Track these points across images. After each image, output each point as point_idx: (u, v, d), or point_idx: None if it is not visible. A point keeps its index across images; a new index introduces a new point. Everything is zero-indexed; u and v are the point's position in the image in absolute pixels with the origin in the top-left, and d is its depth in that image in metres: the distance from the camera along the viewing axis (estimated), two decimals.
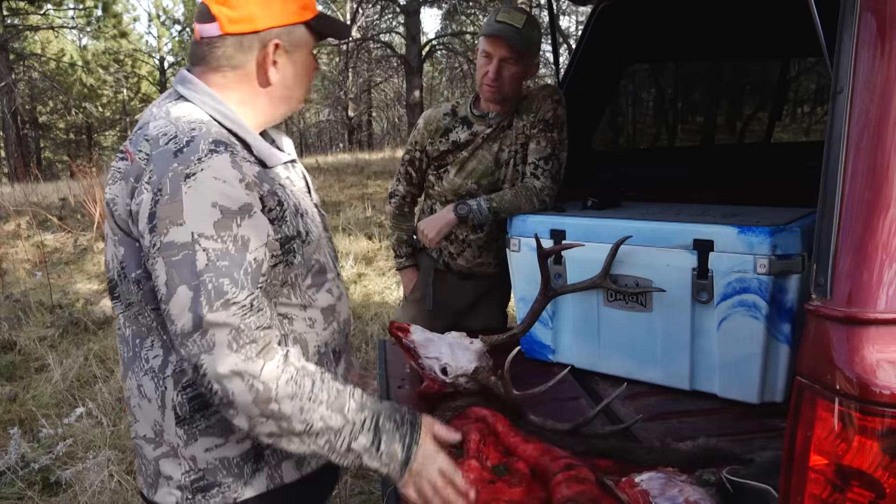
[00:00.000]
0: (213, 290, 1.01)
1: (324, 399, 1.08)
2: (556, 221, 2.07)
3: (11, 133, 18.48)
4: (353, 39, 18.94)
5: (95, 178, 9.34)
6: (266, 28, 1.14)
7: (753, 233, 1.68)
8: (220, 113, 1.15)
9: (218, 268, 1.01)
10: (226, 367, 1.02)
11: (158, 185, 1.03)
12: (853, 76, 0.94)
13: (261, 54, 1.15)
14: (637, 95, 3.68)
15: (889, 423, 0.88)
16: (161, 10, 26.06)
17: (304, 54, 1.21)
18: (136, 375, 1.18)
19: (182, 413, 1.15)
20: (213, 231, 1.01)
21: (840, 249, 0.92)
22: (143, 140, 1.10)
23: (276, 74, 1.18)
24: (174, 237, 1.01)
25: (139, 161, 1.08)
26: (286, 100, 1.23)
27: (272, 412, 1.05)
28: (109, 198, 1.14)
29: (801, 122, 3.91)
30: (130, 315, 1.17)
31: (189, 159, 1.04)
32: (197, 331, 1.01)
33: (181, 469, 1.17)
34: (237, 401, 1.03)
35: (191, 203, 1.01)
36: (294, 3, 1.16)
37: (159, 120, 1.12)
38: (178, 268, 1.01)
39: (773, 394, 1.77)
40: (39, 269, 6.28)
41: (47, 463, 2.94)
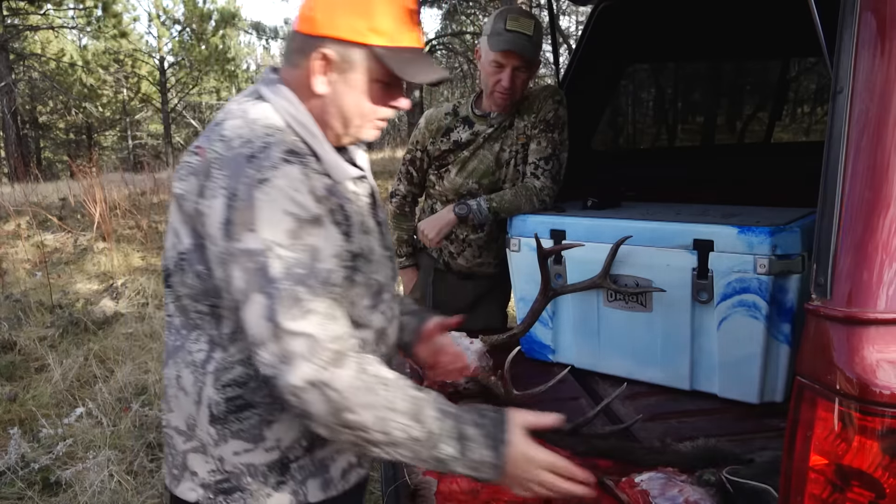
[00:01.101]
0: (289, 299, 0.99)
1: (402, 408, 1.04)
2: (556, 221, 2.07)
3: (11, 133, 18.48)
4: None
5: (95, 178, 9.34)
6: (320, 35, 1.09)
7: (753, 233, 1.68)
8: (295, 120, 1.12)
9: (292, 276, 1.00)
10: (300, 378, 0.99)
11: (232, 189, 1.01)
12: (853, 76, 0.94)
13: (312, 61, 1.11)
14: (637, 95, 3.68)
15: (889, 423, 0.88)
16: (161, 10, 26.01)
17: (360, 78, 1.12)
18: (177, 365, 1.17)
19: (217, 412, 1.13)
20: (287, 239, 1.00)
21: (840, 249, 0.92)
22: (217, 139, 1.08)
23: (322, 86, 1.12)
24: (249, 244, 1.00)
25: (210, 160, 1.07)
26: (337, 119, 1.15)
27: (349, 422, 1.02)
28: (179, 193, 1.10)
29: (801, 122, 3.91)
30: (181, 306, 1.15)
31: (263, 165, 1.02)
32: (272, 340, 0.99)
33: (208, 467, 1.16)
34: (313, 411, 1.01)
35: (265, 210, 1.00)
36: (360, 21, 1.08)
37: (236, 119, 1.10)
38: (253, 275, 1.00)
39: (773, 394, 1.77)
40: (39, 269, 6.28)
41: (47, 463, 2.94)
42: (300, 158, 1.06)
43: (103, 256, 6.84)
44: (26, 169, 14.64)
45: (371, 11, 1.08)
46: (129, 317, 5.03)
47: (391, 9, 1.10)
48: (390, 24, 1.10)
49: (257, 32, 22.73)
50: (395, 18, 1.10)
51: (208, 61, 25.44)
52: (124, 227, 8.24)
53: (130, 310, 5.24)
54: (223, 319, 1.11)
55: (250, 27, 23.46)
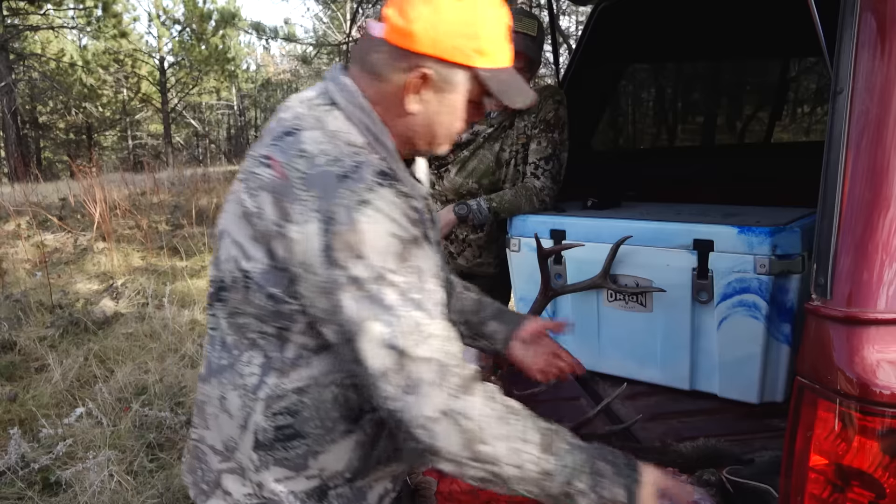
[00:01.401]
0: (408, 325, 0.94)
1: (535, 440, 0.98)
2: (556, 221, 2.07)
3: (11, 133, 18.48)
4: (353, 39, 18.94)
5: (95, 178, 9.34)
6: (420, 52, 1.01)
7: (753, 233, 1.68)
8: (373, 135, 1.05)
9: (409, 300, 0.95)
10: (432, 408, 0.94)
11: (328, 213, 0.94)
12: (853, 76, 0.94)
13: (406, 77, 1.03)
14: (637, 95, 3.69)
15: (889, 423, 0.88)
16: (161, 10, 26.00)
17: (458, 98, 1.07)
18: (222, 386, 1.10)
19: (263, 439, 1.07)
20: (396, 263, 0.95)
21: (840, 249, 0.92)
22: (297, 154, 0.99)
23: (415, 105, 1.05)
24: (357, 272, 0.93)
25: (292, 179, 0.98)
26: (423, 137, 1.10)
27: (483, 455, 0.96)
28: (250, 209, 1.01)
29: (801, 122, 3.91)
30: (238, 324, 1.08)
31: (358, 186, 0.95)
32: (396, 369, 0.94)
33: (244, 490, 1.11)
34: (444, 445, 0.95)
35: (369, 234, 0.94)
36: (468, 43, 1.02)
37: (314, 131, 1.02)
38: (366, 303, 0.93)
39: (773, 394, 1.77)
40: (39, 269, 6.28)
41: (47, 463, 2.94)
42: (390, 181, 0.99)
43: (103, 256, 6.84)
44: (26, 169, 14.64)
45: (478, 32, 1.02)
46: (129, 317, 5.03)
47: (496, 28, 1.04)
48: (495, 44, 1.05)
49: (257, 32, 22.68)
50: (497, 38, 1.05)
51: (208, 61, 25.44)
52: (124, 227, 8.24)
53: (130, 310, 5.24)
54: (288, 343, 1.05)
55: (250, 27, 23.40)
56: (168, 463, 3.01)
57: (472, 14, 1.01)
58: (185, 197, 10.54)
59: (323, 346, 1.04)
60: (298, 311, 1.01)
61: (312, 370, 1.05)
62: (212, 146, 30.77)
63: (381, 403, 0.96)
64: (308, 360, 1.05)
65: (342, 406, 1.07)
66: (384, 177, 0.98)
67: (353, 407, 1.08)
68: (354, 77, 1.08)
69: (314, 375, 1.06)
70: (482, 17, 1.02)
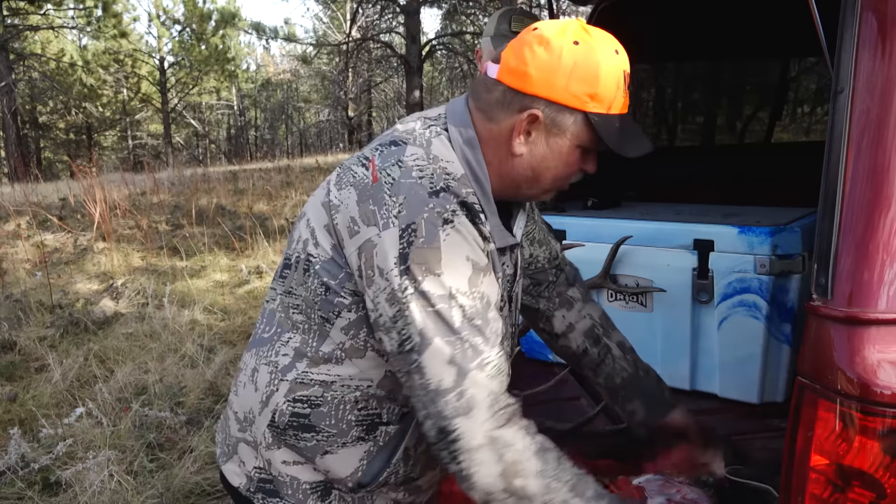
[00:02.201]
0: (471, 349, 0.96)
1: (567, 480, 0.99)
2: (556, 221, 2.06)
3: (11, 133, 18.49)
4: (353, 39, 18.94)
5: (95, 178, 9.34)
6: (532, 94, 1.02)
7: (754, 233, 1.68)
8: (473, 174, 1.05)
9: (473, 326, 0.96)
10: (481, 434, 0.95)
11: (410, 223, 0.96)
12: (853, 76, 0.94)
13: (516, 118, 1.03)
14: (637, 95, 3.68)
15: (890, 424, 0.88)
16: (161, 10, 26.02)
17: (566, 143, 1.05)
18: (257, 357, 1.13)
19: (278, 421, 1.09)
20: (467, 287, 0.97)
21: (841, 249, 0.92)
22: (394, 163, 1.01)
23: (521, 147, 1.05)
24: (431, 288, 0.95)
25: (383, 183, 1.00)
26: (527, 180, 1.09)
27: (516, 489, 0.96)
28: (335, 200, 1.04)
29: (801, 122, 3.91)
30: (287, 303, 1.10)
31: (445, 206, 0.97)
32: (453, 387, 0.95)
33: (255, 463, 1.14)
34: (481, 473, 0.96)
35: (448, 253, 0.96)
36: (583, 87, 1.01)
37: (418, 149, 1.03)
38: (434, 320, 0.95)
39: (773, 394, 1.77)
40: (39, 269, 6.28)
41: (47, 463, 2.93)
42: (472, 214, 1.01)
43: (103, 256, 6.84)
44: (26, 169, 14.65)
45: (595, 77, 1.01)
46: (129, 317, 5.02)
47: (613, 75, 1.03)
48: (610, 91, 1.03)
49: (257, 32, 22.71)
50: (615, 85, 1.03)
51: (208, 61, 25.46)
52: (124, 227, 8.24)
53: (130, 310, 5.24)
54: (327, 338, 1.06)
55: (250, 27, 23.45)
56: (168, 463, 3.01)
57: (589, 59, 1.01)
58: (185, 197, 10.54)
59: (357, 350, 1.05)
60: (346, 306, 1.03)
61: (341, 370, 1.07)
62: (212, 146, 30.78)
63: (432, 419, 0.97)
64: (340, 360, 1.06)
65: (360, 412, 1.08)
66: (466, 208, 1.00)
67: (372, 415, 1.09)
68: (471, 112, 1.09)
69: (342, 375, 1.07)
70: (599, 63, 1.01)
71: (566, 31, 1.02)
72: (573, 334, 1.44)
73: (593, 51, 1.02)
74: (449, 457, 0.97)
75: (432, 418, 0.97)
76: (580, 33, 1.02)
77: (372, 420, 1.09)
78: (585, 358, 1.43)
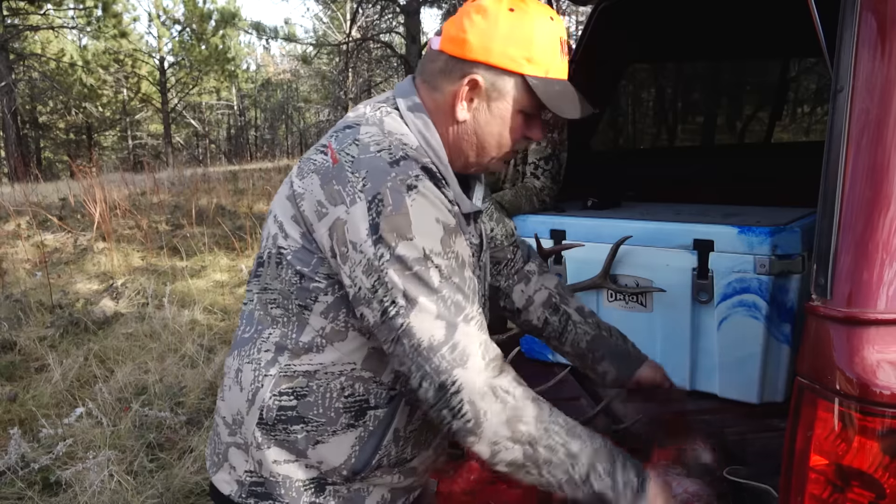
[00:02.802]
0: (454, 305, 0.99)
1: (563, 424, 1.03)
2: (556, 221, 2.06)
3: (11, 133, 18.49)
4: (353, 39, 18.94)
5: (95, 178, 9.34)
6: (471, 59, 1.05)
7: (753, 233, 1.68)
8: (427, 144, 1.08)
9: (451, 284, 0.99)
10: (482, 382, 0.98)
11: (375, 194, 0.98)
12: (853, 76, 0.94)
13: (458, 85, 1.07)
14: (637, 95, 3.68)
15: (889, 424, 0.88)
16: (161, 10, 26.01)
17: (507, 108, 1.08)
18: (240, 358, 1.14)
19: (266, 417, 1.09)
20: (440, 247, 0.99)
21: (840, 249, 0.92)
22: (351, 143, 1.04)
23: (463, 113, 1.08)
24: (405, 252, 0.97)
25: (343, 163, 1.02)
26: (472, 147, 1.11)
27: (521, 434, 1.00)
28: (298, 190, 1.06)
29: (801, 122, 3.91)
30: (264, 300, 1.12)
31: (407, 172, 1.00)
32: (446, 341, 0.98)
33: (246, 466, 1.14)
34: (487, 421, 0.98)
35: (417, 217, 0.98)
36: (519, 51, 1.04)
37: (372, 126, 1.07)
38: (414, 282, 0.97)
39: (773, 394, 1.77)
40: (39, 269, 6.28)
41: (47, 463, 2.93)
42: (434, 179, 1.04)
43: (103, 256, 6.84)
44: (26, 169, 14.65)
45: (530, 41, 1.05)
46: (129, 317, 5.03)
47: (549, 39, 1.06)
48: (546, 54, 1.06)
49: (257, 32, 22.71)
50: (551, 49, 1.07)
51: (208, 61, 25.46)
52: (124, 227, 8.24)
53: (130, 310, 5.24)
54: (306, 326, 1.07)
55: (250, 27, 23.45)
56: (168, 463, 3.01)
57: (524, 24, 1.05)
58: (185, 197, 10.54)
59: (338, 333, 1.07)
60: (322, 289, 1.05)
61: (324, 357, 1.08)
62: (212, 146, 30.78)
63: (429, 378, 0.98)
64: (321, 347, 1.07)
65: (347, 398, 1.09)
66: (428, 172, 1.03)
67: (359, 401, 1.10)
68: (418, 87, 1.12)
69: (324, 363, 1.08)
70: (534, 28, 1.05)
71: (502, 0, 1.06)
72: (532, 307, 1.46)
73: (528, 15, 1.06)
74: (451, 413, 0.99)
75: (429, 377, 0.99)
76: (515, 2, 1.06)
77: (360, 405, 1.10)
78: (548, 328, 1.46)
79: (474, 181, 1.22)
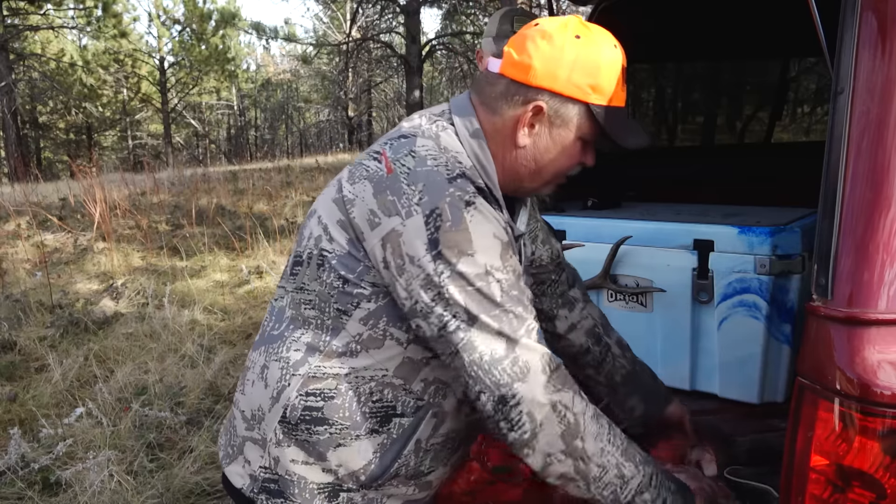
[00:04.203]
0: (515, 318, 0.99)
1: (619, 444, 1.04)
2: (556, 221, 2.06)
3: (11, 133, 18.48)
4: (353, 39, 18.94)
5: (95, 178, 9.34)
6: (536, 86, 1.05)
7: (754, 233, 1.68)
8: (480, 164, 1.08)
9: (512, 297, 1.00)
10: (542, 396, 0.98)
11: (433, 208, 0.97)
12: (854, 76, 0.94)
13: (520, 110, 1.06)
14: (637, 95, 3.68)
15: (890, 424, 0.88)
16: (161, 10, 26.01)
17: (569, 135, 1.08)
18: (266, 354, 1.13)
19: (290, 416, 1.09)
20: (500, 262, 1.00)
21: (841, 249, 0.92)
22: (407, 153, 1.03)
23: (525, 139, 1.08)
24: (466, 268, 0.97)
25: (399, 173, 1.01)
26: (530, 172, 1.11)
27: (575, 450, 1.00)
28: (348, 194, 1.04)
29: (801, 122, 3.91)
30: (298, 299, 1.11)
31: (465, 188, 1.00)
32: (507, 355, 0.98)
33: (261, 461, 1.13)
34: (543, 434, 0.99)
35: (477, 233, 0.98)
36: (585, 79, 1.04)
37: (428, 140, 1.06)
38: (476, 298, 0.98)
39: (773, 394, 1.77)
40: (39, 269, 6.28)
41: (47, 463, 2.93)
42: (487, 199, 1.04)
43: (103, 256, 6.84)
44: (26, 169, 14.65)
45: (597, 70, 1.05)
46: (129, 317, 5.02)
47: (613, 68, 1.06)
48: (610, 83, 1.06)
49: (257, 32, 22.72)
50: (614, 78, 1.07)
51: (208, 61, 25.46)
52: (124, 227, 8.24)
53: (130, 310, 5.24)
54: (342, 332, 1.07)
55: (250, 27, 23.45)
56: (168, 463, 3.01)
57: (590, 52, 1.05)
58: (185, 197, 10.53)
59: (375, 340, 1.06)
60: (366, 296, 1.04)
61: (356, 362, 1.07)
62: (212, 146, 30.78)
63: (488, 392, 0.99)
64: (355, 352, 1.07)
65: (375, 403, 1.09)
66: (482, 192, 1.03)
67: (386, 407, 1.09)
68: (476, 107, 1.11)
69: (356, 367, 1.07)
70: (600, 56, 1.05)
71: (567, 25, 1.06)
72: (574, 334, 1.45)
73: (594, 44, 1.05)
74: (508, 425, 1.00)
75: (488, 391, 0.99)
76: (581, 28, 1.06)
77: (386, 412, 1.09)
78: (588, 356, 1.45)
79: (519, 205, 1.22)
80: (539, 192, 1.17)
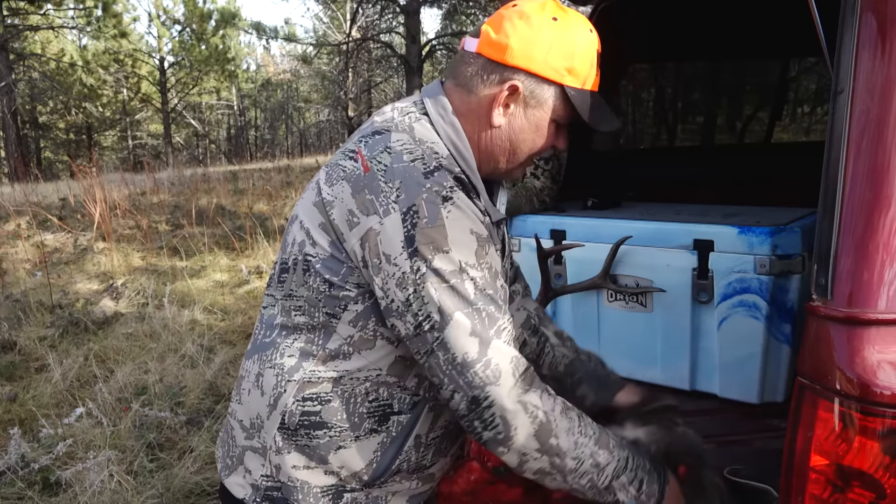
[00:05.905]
0: (488, 318, 0.99)
1: (591, 434, 1.05)
2: (556, 221, 2.06)
3: (11, 133, 18.49)
4: (353, 39, 18.94)
5: (95, 178, 9.34)
6: (513, 65, 1.05)
7: (754, 233, 1.68)
8: (457, 150, 1.08)
9: (486, 296, 1.00)
10: (513, 398, 0.99)
11: (410, 205, 0.97)
12: (853, 76, 0.94)
13: (496, 90, 1.07)
14: (637, 95, 3.69)
15: (889, 424, 0.88)
16: (161, 10, 26.01)
17: (543, 117, 1.09)
18: (260, 362, 1.13)
19: (289, 422, 1.09)
20: (475, 259, 0.99)
21: (840, 249, 0.92)
22: (382, 150, 1.03)
23: (500, 118, 1.08)
24: (442, 265, 0.97)
25: (375, 172, 1.01)
26: (504, 153, 1.12)
27: (550, 447, 1.02)
28: (328, 196, 1.04)
29: (801, 122, 3.91)
30: (288, 306, 1.10)
31: (442, 183, 0.99)
32: (479, 357, 0.98)
33: (262, 470, 1.12)
34: (517, 435, 1.00)
35: (453, 229, 0.98)
36: (561, 61, 1.05)
37: (402, 134, 1.05)
38: (450, 295, 0.98)
39: (773, 394, 1.77)
40: (39, 269, 6.28)
41: (47, 463, 2.93)
42: (467, 189, 1.04)
43: (103, 256, 6.84)
44: (26, 169, 14.65)
45: (572, 52, 1.06)
46: (129, 317, 5.03)
47: (588, 52, 1.07)
48: (585, 67, 1.07)
49: (257, 32, 22.71)
50: (589, 62, 1.08)
51: (208, 61, 25.46)
52: (124, 227, 8.24)
53: (130, 310, 5.24)
54: (333, 334, 1.06)
55: (250, 27, 23.45)
56: (168, 463, 3.01)
57: (566, 35, 1.05)
58: (185, 197, 10.54)
59: (366, 341, 1.06)
60: (352, 298, 1.04)
61: (350, 364, 1.07)
62: (212, 146, 30.78)
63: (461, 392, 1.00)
64: (347, 354, 1.07)
65: (371, 403, 1.09)
66: (461, 183, 1.03)
67: (383, 406, 1.09)
68: (447, 91, 1.11)
69: (350, 369, 1.07)
70: (576, 39, 1.06)
71: (545, 7, 1.07)
72: None
73: (571, 27, 1.06)
74: (482, 425, 1.01)
75: (461, 391, 1.00)
76: (557, 10, 1.07)
77: (384, 410, 1.09)
78: (525, 349, 1.45)
79: (498, 187, 1.21)
80: (514, 173, 1.17)
